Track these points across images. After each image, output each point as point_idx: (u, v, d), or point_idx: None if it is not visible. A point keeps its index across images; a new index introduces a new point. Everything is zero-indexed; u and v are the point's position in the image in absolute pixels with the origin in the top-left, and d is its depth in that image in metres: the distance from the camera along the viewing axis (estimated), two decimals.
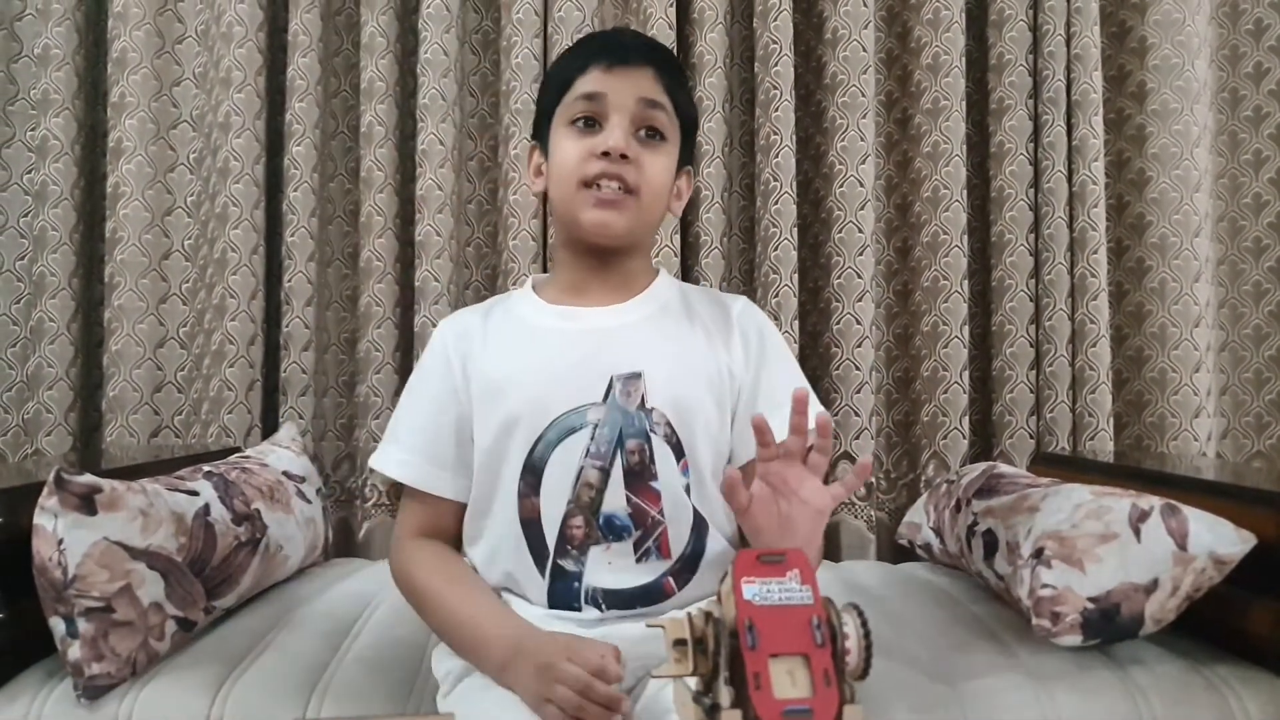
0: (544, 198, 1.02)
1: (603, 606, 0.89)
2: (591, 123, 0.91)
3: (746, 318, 0.99)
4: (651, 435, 0.90)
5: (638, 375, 0.90)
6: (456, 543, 0.97)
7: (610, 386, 0.90)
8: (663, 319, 0.96)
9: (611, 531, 0.89)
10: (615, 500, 0.89)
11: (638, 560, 0.89)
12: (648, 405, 0.90)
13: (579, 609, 0.89)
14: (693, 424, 0.91)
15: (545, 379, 0.92)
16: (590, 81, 0.91)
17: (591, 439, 0.89)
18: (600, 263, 0.96)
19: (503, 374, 0.93)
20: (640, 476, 0.89)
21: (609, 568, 0.89)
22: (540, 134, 0.98)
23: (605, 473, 0.89)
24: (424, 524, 0.96)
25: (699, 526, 0.92)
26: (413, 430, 0.97)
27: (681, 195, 1.00)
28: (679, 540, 0.91)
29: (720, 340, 0.96)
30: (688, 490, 0.91)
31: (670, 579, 0.90)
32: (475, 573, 0.93)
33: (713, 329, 0.97)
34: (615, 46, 0.93)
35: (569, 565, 0.89)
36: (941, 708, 0.94)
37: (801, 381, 0.97)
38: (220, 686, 0.95)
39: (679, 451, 0.91)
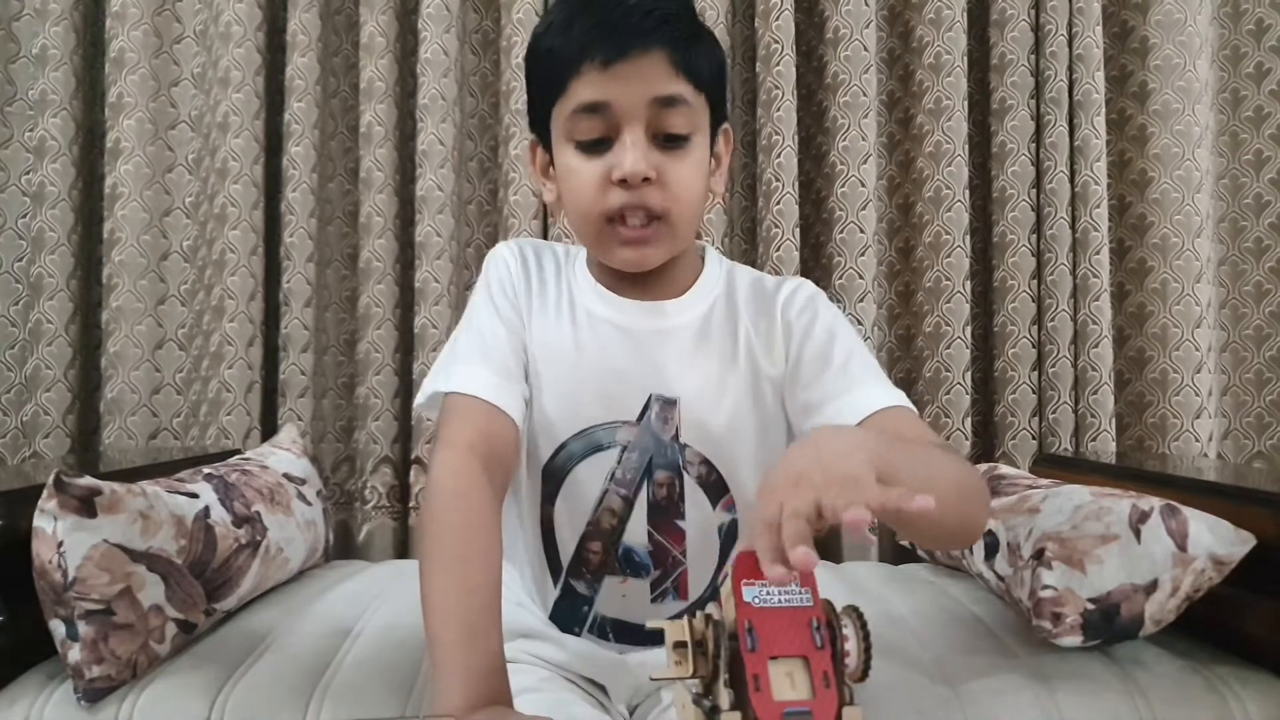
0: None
1: (611, 637, 0.86)
2: (600, 141, 0.77)
3: (790, 306, 0.87)
4: (684, 473, 0.83)
5: (673, 402, 0.83)
6: (508, 474, 0.81)
7: (647, 406, 0.83)
8: (706, 328, 0.86)
9: (629, 566, 0.84)
10: (636, 534, 0.84)
11: (653, 600, 0.85)
12: (681, 439, 0.83)
13: (579, 634, 0.87)
14: (735, 457, 0.84)
15: (581, 380, 0.83)
16: (588, 87, 0.76)
17: (618, 462, 0.83)
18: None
19: (543, 356, 0.84)
20: (666, 512, 0.84)
21: (623, 600, 0.85)
22: (537, 127, 0.84)
23: (629, 502, 0.83)
24: (482, 430, 0.77)
25: (723, 565, 0.86)
26: (481, 351, 0.82)
27: (721, 163, 0.86)
28: (699, 581, 0.86)
29: (763, 347, 0.86)
30: (722, 530, 0.85)
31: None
32: (497, 575, 0.73)
33: (755, 336, 0.86)
34: (612, 32, 0.75)
35: (581, 588, 0.86)
36: (942, 709, 0.93)
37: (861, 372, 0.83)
38: (220, 689, 0.94)
39: (721, 489, 0.84)
